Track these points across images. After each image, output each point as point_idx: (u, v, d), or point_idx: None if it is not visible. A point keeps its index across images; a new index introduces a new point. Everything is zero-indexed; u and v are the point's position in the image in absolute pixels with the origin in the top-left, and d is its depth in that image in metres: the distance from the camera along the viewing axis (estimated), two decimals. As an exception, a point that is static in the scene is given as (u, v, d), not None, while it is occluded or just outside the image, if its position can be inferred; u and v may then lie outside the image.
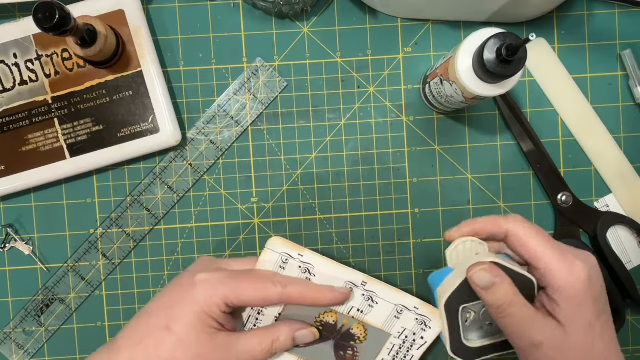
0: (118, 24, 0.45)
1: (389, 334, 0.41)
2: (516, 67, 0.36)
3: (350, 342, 0.41)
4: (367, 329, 0.41)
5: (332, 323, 0.41)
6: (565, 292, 0.33)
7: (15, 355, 0.48)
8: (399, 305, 0.40)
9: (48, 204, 0.48)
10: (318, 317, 0.40)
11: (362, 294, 0.40)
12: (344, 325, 0.41)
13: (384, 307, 0.40)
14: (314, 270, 0.40)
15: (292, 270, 0.40)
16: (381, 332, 0.41)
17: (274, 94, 0.48)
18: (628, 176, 0.49)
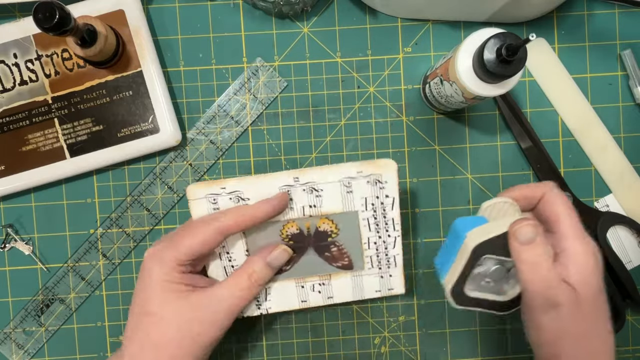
0: (118, 24, 0.45)
1: (355, 211, 0.40)
2: (516, 67, 0.36)
3: (327, 240, 0.41)
4: (332, 219, 0.40)
5: (297, 232, 0.41)
6: (580, 259, 0.34)
7: (15, 355, 0.48)
8: (343, 179, 0.39)
9: (48, 204, 0.48)
10: (282, 234, 0.40)
11: (303, 189, 0.39)
12: (309, 228, 0.41)
13: (332, 190, 0.39)
14: (246, 195, 0.40)
15: (225, 206, 0.40)
16: (347, 214, 0.40)
17: (274, 94, 0.48)
18: (628, 176, 0.49)
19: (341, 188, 0.39)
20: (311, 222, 0.40)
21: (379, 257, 0.42)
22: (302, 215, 0.40)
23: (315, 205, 0.40)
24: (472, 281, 0.39)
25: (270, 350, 0.49)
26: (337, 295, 0.43)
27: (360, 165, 0.39)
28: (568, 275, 0.34)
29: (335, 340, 0.49)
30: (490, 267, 0.38)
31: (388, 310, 0.49)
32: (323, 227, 0.41)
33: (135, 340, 0.38)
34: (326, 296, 0.43)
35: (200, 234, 0.38)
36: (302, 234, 0.41)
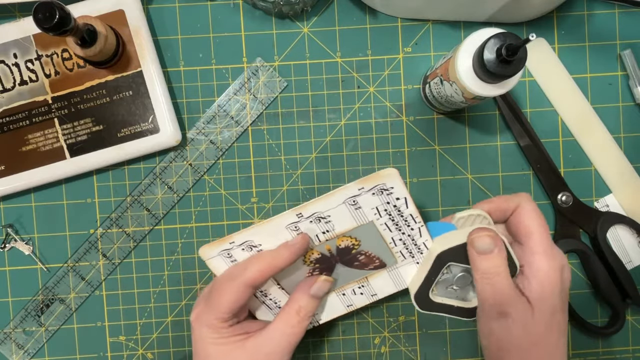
0: (118, 24, 0.45)
1: (370, 221, 0.40)
2: (516, 67, 0.36)
3: (352, 253, 0.41)
4: (350, 235, 0.40)
5: (319, 256, 0.41)
6: (543, 275, 0.35)
7: (15, 355, 0.48)
8: (347, 200, 0.39)
9: (48, 204, 0.48)
10: (306, 262, 0.41)
11: (310, 221, 0.39)
12: (330, 249, 0.41)
13: (339, 212, 0.39)
14: (256, 242, 0.40)
15: (240, 256, 0.40)
16: (363, 226, 0.40)
17: (274, 94, 0.48)
18: (628, 176, 0.49)
19: (348, 208, 0.39)
20: (331, 244, 0.41)
21: (408, 249, 0.41)
22: (319, 242, 0.41)
23: (328, 231, 0.40)
24: (439, 287, 0.40)
25: (270, 350, 0.49)
26: (380, 290, 0.43)
27: (361, 182, 0.38)
28: (528, 289, 0.35)
29: (335, 340, 0.49)
30: (456, 274, 0.39)
31: (388, 310, 0.49)
32: (343, 244, 0.41)
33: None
34: (369, 294, 0.43)
35: (230, 292, 0.38)
36: (326, 257, 0.41)
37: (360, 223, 0.40)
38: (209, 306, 0.39)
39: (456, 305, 0.39)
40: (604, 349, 0.49)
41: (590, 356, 0.49)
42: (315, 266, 0.41)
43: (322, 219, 0.39)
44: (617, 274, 0.47)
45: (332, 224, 0.40)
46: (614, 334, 0.47)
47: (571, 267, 0.49)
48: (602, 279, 0.48)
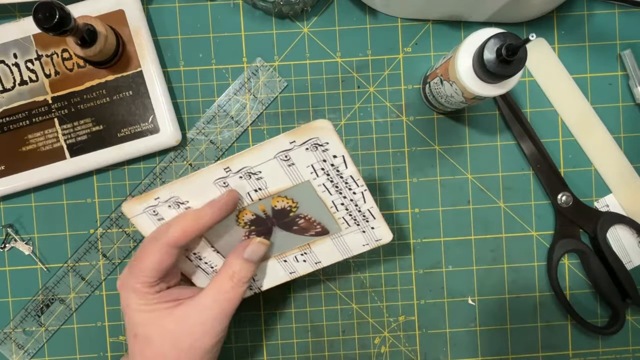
0: (118, 24, 0.45)
1: (305, 180, 0.37)
2: (516, 67, 0.36)
3: (290, 215, 0.38)
4: (286, 196, 0.37)
5: (254, 217, 0.38)
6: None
7: (15, 355, 0.48)
8: (278, 154, 0.35)
9: (48, 204, 0.48)
10: (239, 224, 0.39)
11: (239, 177, 0.37)
12: (264, 210, 0.38)
13: (271, 168, 0.36)
14: (183, 199, 0.38)
15: (167, 214, 0.38)
16: (299, 186, 0.37)
17: (274, 94, 0.48)
18: (628, 176, 0.49)
19: (280, 163, 0.36)
20: (265, 204, 0.38)
21: (352, 216, 0.38)
22: (252, 201, 0.38)
23: (260, 189, 0.37)
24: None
25: (270, 350, 0.49)
26: (324, 259, 0.40)
27: (291, 134, 0.35)
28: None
29: (335, 340, 0.49)
30: None
31: (388, 310, 0.49)
32: (279, 205, 0.38)
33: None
34: (313, 262, 0.41)
35: (153, 253, 0.36)
36: (261, 218, 0.38)
37: (296, 182, 0.37)
38: (133, 270, 0.37)
39: None
40: (604, 349, 0.49)
41: (590, 356, 0.49)
42: (251, 228, 0.39)
43: (252, 174, 0.36)
44: (617, 274, 0.47)
45: (264, 181, 0.36)
46: (614, 334, 0.47)
47: (571, 267, 0.49)
48: (602, 279, 0.48)
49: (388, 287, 0.49)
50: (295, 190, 0.37)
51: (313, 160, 0.36)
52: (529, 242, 0.49)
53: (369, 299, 0.49)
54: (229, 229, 0.39)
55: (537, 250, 0.49)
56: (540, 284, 0.49)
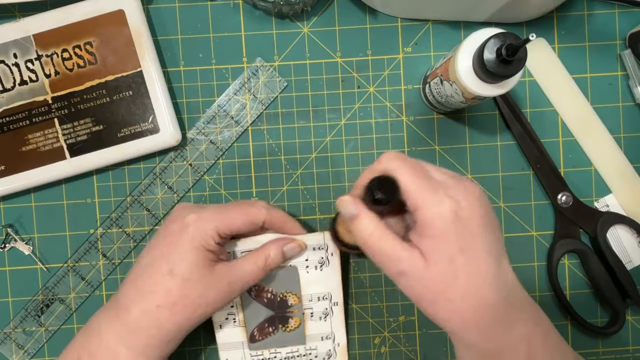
0: (118, 24, 0.45)
1: (304, 343, 0.46)
2: (516, 67, 0.36)
3: (279, 325, 0.45)
4: (298, 329, 0.45)
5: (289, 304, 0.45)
6: (427, 227, 0.34)
7: (15, 355, 0.48)
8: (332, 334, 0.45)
9: (48, 204, 0.48)
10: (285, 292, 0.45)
11: (326, 307, 0.45)
12: (291, 313, 0.45)
13: (323, 326, 0.45)
14: (324, 268, 0.44)
15: (314, 256, 0.44)
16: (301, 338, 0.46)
17: (274, 94, 0.48)
18: (628, 176, 0.49)
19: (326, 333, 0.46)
20: (298, 313, 0.45)
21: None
22: (303, 309, 0.45)
23: (312, 316, 0.45)
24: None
25: (270, 350, 0.49)
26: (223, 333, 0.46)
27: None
28: (419, 244, 0.34)
29: (335, 340, 0.49)
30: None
31: (388, 310, 0.49)
32: (292, 321, 0.45)
33: (149, 298, 0.38)
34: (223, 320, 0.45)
35: (251, 215, 0.41)
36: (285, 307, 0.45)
37: (307, 336, 0.45)
38: (220, 215, 0.40)
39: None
40: (604, 349, 0.49)
41: (590, 356, 0.49)
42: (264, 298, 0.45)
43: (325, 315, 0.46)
44: (617, 274, 0.47)
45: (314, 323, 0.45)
46: (614, 334, 0.47)
47: (571, 267, 0.49)
48: (602, 279, 0.48)
49: (388, 287, 0.49)
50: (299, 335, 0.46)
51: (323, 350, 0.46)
52: (529, 242, 0.49)
53: (369, 299, 0.49)
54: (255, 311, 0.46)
55: (537, 250, 0.49)
56: (540, 284, 0.49)
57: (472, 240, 0.34)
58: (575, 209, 0.48)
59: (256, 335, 0.45)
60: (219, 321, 0.45)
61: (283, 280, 0.44)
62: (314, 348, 0.46)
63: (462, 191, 0.34)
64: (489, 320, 0.34)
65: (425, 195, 0.34)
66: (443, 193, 0.34)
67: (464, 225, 0.34)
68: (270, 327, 0.45)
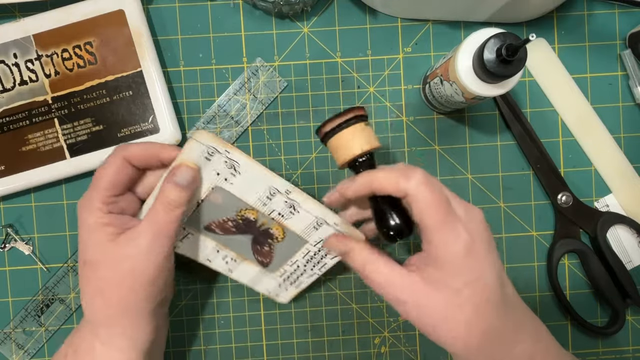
0: (118, 24, 0.45)
1: (306, 240, 0.42)
2: (516, 67, 0.36)
3: (267, 240, 0.43)
4: (285, 232, 0.42)
5: (252, 219, 0.42)
6: (438, 260, 0.34)
7: (15, 355, 0.48)
8: (320, 218, 0.41)
9: (48, 204, 0.48)
10: (239, 211, 0.41)
11: (285, 200, 0.40)
12: (263, 224, 0.42)
13: (305, 217, 0.41)
14: (240, 169, 0.39)
15: (217, 164, 0.39)
16: (298, 238, 0.42)
17: (274, 94, 0.48)
18: (628, 176, 0.49)
19: (312, 221, 0.41)
20: (268, 222, 0.42)
21: (290, 275, 0.44)
22: (267, 214, 0.41)
23: (283, 216, 0.41)
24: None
25: (270, 350, 0.49)
26: (237, 274, 0.44)
27: (342, 222, 0.41)
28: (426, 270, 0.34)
29: (335, 340, 0.49)
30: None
31: (388, 310, 0.49)
32: (274, 231, 0.42)
33: (84, 292, 0.38)
34: (228, 269, 0.44)
35: (110, 165, 0.38)
36: (254, 224, 0.42)
37: (301, 234, 0.42)
38: (92, 185, 0.38)
39: None
40: (604, 348, 0.49)
41: (590, 356, 0.49)
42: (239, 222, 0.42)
43: (292, 208, 0.41)
44: (617, 274, 0.47)
45: (291, 215, 0.41)
46: (614, 334, 0.47)
47: (571, 267, 0.49)
48: (602, 279, 0.48)
49: (388, 287, 0.49)
50: (292, 236, 0.42)
51: (324, 235, 0.41)
52: (529, 242, 0.49)
53: (369, 299, 0.49)
54: (227, 210, 0.41)
55: (537, 250, 0.49)
56: (540, 284, 0.49)
57: (480, 270, 0.34)
58: (575, 209, 0.48)
59: (263, 260, 0.44)
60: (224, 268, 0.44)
61: (220, 206, 0.41)
62: (321, 239, 0.42)
63: (471, 221, 0.34)
64: (492, 343, 0.34)
65: (443, 234, 0.33)
66: (460, 227, 0.34)
67: (474, 257, 0.34)
68: (264, 246, 0.43)
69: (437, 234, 0.33)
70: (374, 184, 0.36)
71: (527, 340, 0.35)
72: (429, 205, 0.33)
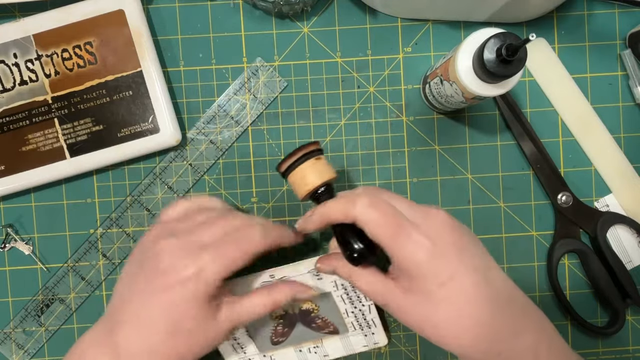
0: (118, 24, 0.45)
1: (329, 292, 0.44)
2: (516, 67, 0.36)
3: (311, 315, 0.45)
4: (312, 301, 0.44)
5: (284, 313, 0.45)
6: (404, 269, 0.35)
7: (15, 355, 0.48)
8: (312, 270, 0.42)
9: (48, 204, 0.48)
10: (273, 318, 0.44)
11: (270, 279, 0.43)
12: (293, 310, 0.45)
13: (304, 280, 0.43)
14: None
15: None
16: (322, 295, 0.44)
17: (274, 93, 0.48)
18: (628, 176, 0.49)
19: (311, 277, 0.43)
20: (294, 305, 0.45)
21: (359, 322, 0.45)
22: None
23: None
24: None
25: (270, 350, 0.49)
26: (331, 353, 0.47)
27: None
28: (398, 277, 0.37)
29: (335, 340, 0.49)
30: None
31: (388, 310, 0.49)
32: (305, 307, 0.44)
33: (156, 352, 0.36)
34: (322, 355, 0.46)
35: (248, 251, 0.37)
36: (289, 314, 0.45)
37: (320, 292, 0.43)
38: (221, 261, 0.36)
39: None
40: (604, 348, 0.49)
41: (590, 356, 0.49)
42: (279, 321, 0.45)
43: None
44: (617, 274, 0.47)
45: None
46: (614, 334, 0.47)
47: (571, 267, 0.49)
48: (602, 279, 0.48)
49: (388, 287, 0.49)
50: (319, 298, 0.44)
51: (334, 277, 0.43)
52: (529, 242, 0.49)
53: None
54: (262, 320, 0.45)
55: (537, 250, 0.49)
56: (540, 284, 0.49)
57: (452, 269, 0.35)
58: (575, 209, 0.48)
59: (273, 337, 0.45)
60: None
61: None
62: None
63: (432, 226, 0.35)
64: (486, 339, 0.35)
65: (399, 244, 0.35)
66: (416, 235, 0.35)
67: (440, 259, 0.35)
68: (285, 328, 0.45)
69: (394, 249, 0.35)
70: (329, 215, 0.37)
71: (531, 331, 0.35)
72: (377, 224, 0.35)
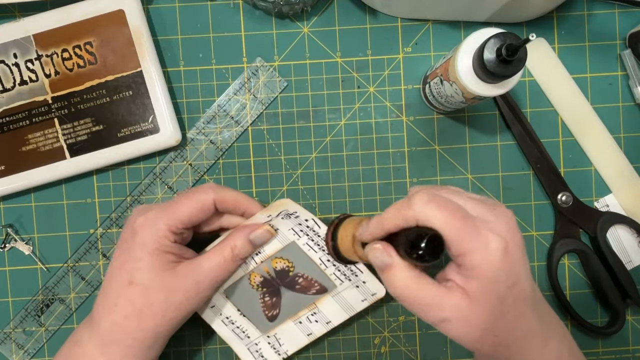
0: (118, 24, 0.45)
1: (292, 241, 0.42)
2: (516, 67, 0.36)
3: (290, 275, 0.43)
4: (281, 256, 0.42)
5: (262, 279, 0.43)
6: (475, 270, 0.32)
7: (15, 355, 0.48)
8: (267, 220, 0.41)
9: (48, 204, 0.48)
10: (254, 287, 0.43)
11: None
12: (268, 272, 0.43)
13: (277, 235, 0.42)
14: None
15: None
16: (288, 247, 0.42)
17: (274, 94, 0.48)
18: (628, 176, 0.49)
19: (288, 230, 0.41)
20: (267, 266, 0.43)
21: (341, 271, 0.42)
22: (256, 265, 0.42)
23: (259, 252, 0.42)
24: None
25: (270, 350, 0.49)
26: (333, 318, 0.44)
27: (265, 211, 0.41)
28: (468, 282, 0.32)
29: (335, 340, 0.49)
30: None
31: (388, 310, 0.49)
32: (279, 265, 0.43)
33: (116, 311, 0.38)
34: (324, 322, 0.45)
35: (198, 200, 0.39)
36: (267, 279, 0.43)
37: (284, 244, 0.42)
38: (166, 212, 0.38)
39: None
40: (604, 348, 0.49)
41: (591, 356, 0.49)
42: (263, 290, 0.43)
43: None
44: (617, 274, 0.47)
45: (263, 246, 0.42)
46: (614, 334, 0.47)
47: (571, 267, 0.49)
48: (602, 279, 0.48)
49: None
50: (287, 251, 0.42)
51: (291, 225, 0.41)
52: (529, 242, 0.49)
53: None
54: (247, 294, 0.43)
55: (537, 250, 0.49)
56: (540, 284, 0.49)
57: (518, 272, 0.33)
58: (575, 209, 0.48)
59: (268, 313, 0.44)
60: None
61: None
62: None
63: (502, 223, 0.33)
64: (529, 343, 0.34)
65: (470, 242, 0.32)
66: (486, 232, 0.32)
67: (510, 260, 0.32)
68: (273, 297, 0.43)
69: (463, 244, 0.32)
70: (386, 227, 0.33)
71: (555, 338, 0.35)
72: (441, 220, 0.31)
